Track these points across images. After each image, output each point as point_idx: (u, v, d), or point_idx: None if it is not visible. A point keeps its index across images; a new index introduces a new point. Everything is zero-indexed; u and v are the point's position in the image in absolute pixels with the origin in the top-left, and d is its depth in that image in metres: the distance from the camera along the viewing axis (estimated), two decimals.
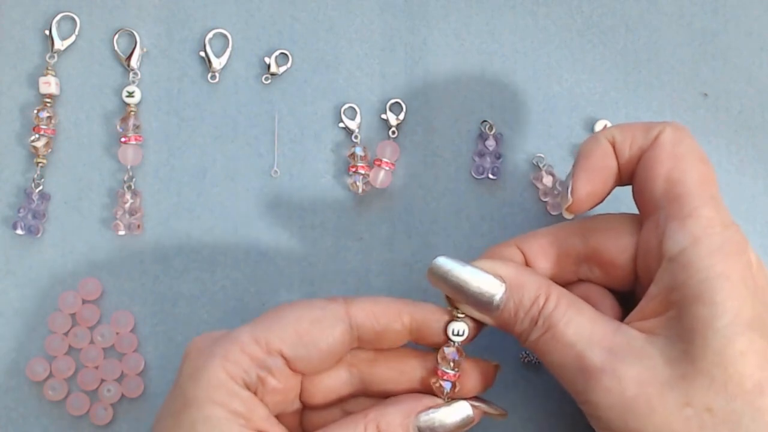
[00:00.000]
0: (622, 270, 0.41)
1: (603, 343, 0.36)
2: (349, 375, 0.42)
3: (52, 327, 0.49)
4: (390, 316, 0.40)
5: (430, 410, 0.39)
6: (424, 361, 0.42)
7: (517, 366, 0.50)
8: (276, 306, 0.41)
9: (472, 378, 0.42)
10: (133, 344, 0.50)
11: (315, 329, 0.39)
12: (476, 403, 0.41)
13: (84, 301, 0.50)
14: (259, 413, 0.38)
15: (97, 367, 0.49)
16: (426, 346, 0.42)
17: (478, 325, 0.41)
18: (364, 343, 0.41)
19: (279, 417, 0.41)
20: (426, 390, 0.42)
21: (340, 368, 0.42)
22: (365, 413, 0.39)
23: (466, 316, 0.41)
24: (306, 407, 0.43)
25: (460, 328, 0.40)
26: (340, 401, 0.43)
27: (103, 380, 0.49)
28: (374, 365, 0.42)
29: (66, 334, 0.50)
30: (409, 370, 0.42)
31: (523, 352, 0.50)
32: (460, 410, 0.40)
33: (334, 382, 0.42)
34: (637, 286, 0.41)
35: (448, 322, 0.41)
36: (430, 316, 0.41)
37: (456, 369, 0.41)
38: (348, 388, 0.42)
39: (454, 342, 0.41)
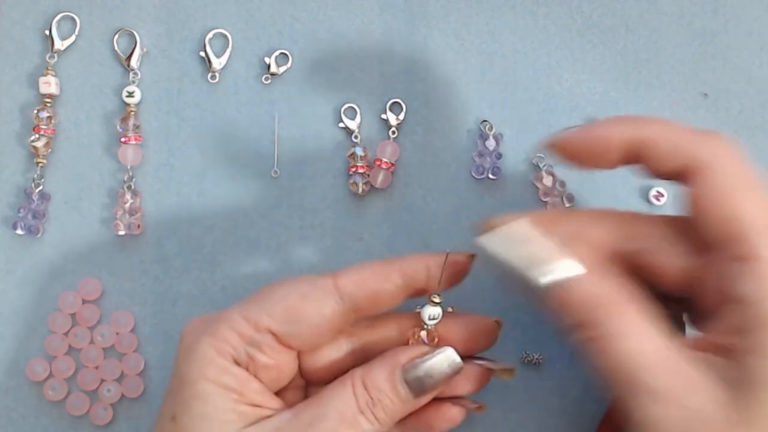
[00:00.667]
0: (669, 279, 0.38)
1: (659, 365, 0.34)
2: (349, 345, 0.42)
3: (52, 327, 0.49)
4: (379, 278, 0.40)
5: (416, 360, 0.39)
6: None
7: (517, 366, 0.50)
8: (264, 286, 0.41)
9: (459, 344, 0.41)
10: (133, 344, 0.50)
11: (304, 304, 0.39)
12: (479, 362, 0.41)
13: (84, 301, 0.50)
14: (253, 387, 0.38)
15: (97, 367, 0.49)
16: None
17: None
18: (362, 312, 0.40)
19: (281, 393, 0.41)
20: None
21: (339, 340, 0.42)
22: (351, 372, 0.39)
23: (441, 302, 0.41)
24: (311, 383, 0.43)
25: (435, 313, 0.41)
26: (346, 372, 0.42)
27: (103, 380, 0.49)
28: (371, 330, 0.42)
29: (66, 334, 0.50)
30: (406, 327, 0.42)
31: (524, 352, 0.50)
32: (447, 358, 0.39)
33: (335, 355, 0.42)
34: (686, 298, 0.38)
35: (423, 308, 0.41)
36: (417, 267, 0.40)
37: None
38: (350, 359, 0.42)
39: (427, 325, 0.41)
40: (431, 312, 0.41)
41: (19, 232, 0.50)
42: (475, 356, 0.42)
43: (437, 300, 0.41)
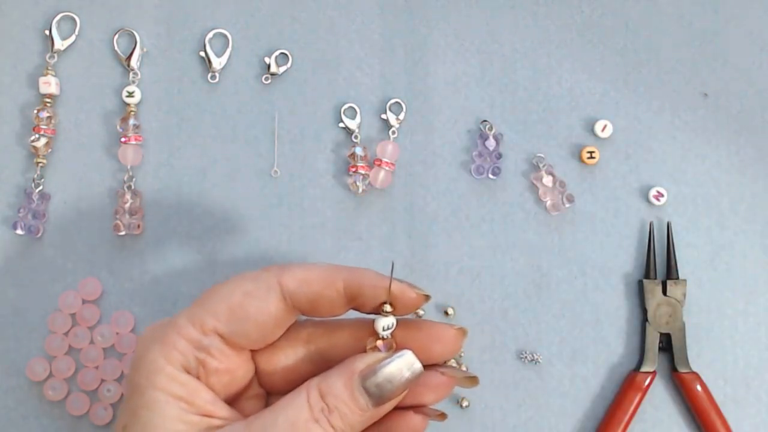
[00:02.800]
0: None
1: None
2: (306, 352, 0.41)
3: (52, 327, 0.49)
4: (323, 282, 0.39)
5: (375, 366, 0.37)
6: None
7: (517, 366, 0.50)
8: (213, 284, 0.40)
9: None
10: (133, 344, 0.50)
11: (247, 302, 0.38)
12: (442, 370, 0.40)
13: (84, 301, 0.50)
14: (203, 397, 0.37)
15: (97, 367, 0.49)
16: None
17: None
18: (302, 312, 0.39)
19: (238, 402, 0.40)
20: None
21: (297, 346, 0.41)
22: (308, 381, 0.37)
23: (393, 311, 0.39)
24: (270, 392, 0.42)
25: (388, 323, 0.39)
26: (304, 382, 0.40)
27: (103, 380, 0.49)
28: (328, 337, 0.41)
29: (66, 334, 0.50)
30: (365, 337, 0.40)
31: (524, 352, 0.50)
32: (406, 363, 0.38)
33: (291, 361, 0.41)
34: None
35: (376, 318, 0.39)
36: (365, 283, 0.39)
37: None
38: (308, 366, 0.41)
39: (383, 337, 0.39)
40: (384, 323, 0.39)
41: (19, 232, 0.50)
42: (437, 365, 0.41)
43: (389, 309, 0.39)
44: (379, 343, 0.39)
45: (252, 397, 0.41)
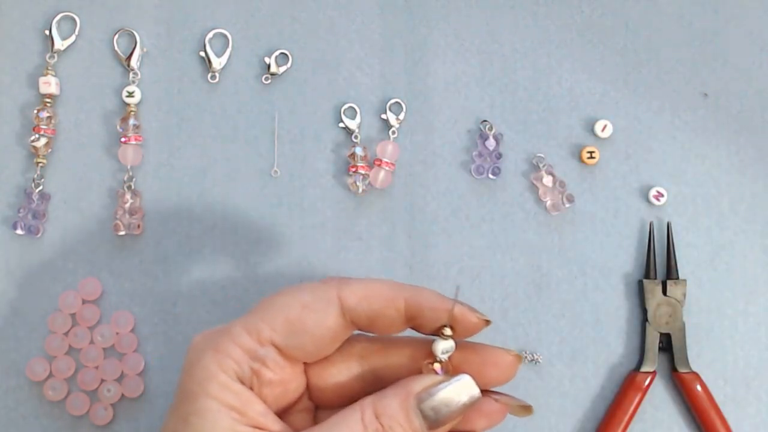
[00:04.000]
0: None
1: None
2: (359, 368, 0.40)
3: (52, 327, 0.49)
4: (383, 300, 0.38)
5: (432, 389, 0.37)
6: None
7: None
8: (270, 294, 0.39)
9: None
10: (133, 344, 0.50)
11: (305, 315, 0.37)
12: (496, 397, 0.39)
13: (84, 301, 0.50)
14: (256, 408, 0.37)
15: (97, 367, 0.49)
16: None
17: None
18: (359, 327, 0.39)
19: (288, 415, 0.40)
20: None
21: (349, 361, 0.40)
22: (362, 400, 0.37)
23: (453, 335, 0.39)
24: (320, 406, 0.41)
25: (447, 347, 0.38)
26: (356, 398, 0.40)
27: (103, 380, 0.49)
28: (383, 355, 0.40)
29: (66, 334, 0.50)
30: (420, 356, 0.39)
31: (524, 352, 0.50)
32: (465, 388, 0.37)
33: (344, 377, 0.40)
34: None
35: (435, 340, 0.38)
36: (427, 304, 0.38)
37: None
38: (360, 383, 0.40)
39: (441, 360, 0.38)
40: (444, 346, 0.38)
41: (19, 232, 0.50)
42: (491, 390, 0.40)
43: (448, 333, 0.38)
44: (437, 366, 0.38)
45: (301, 411, 0.41)
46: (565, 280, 0.51)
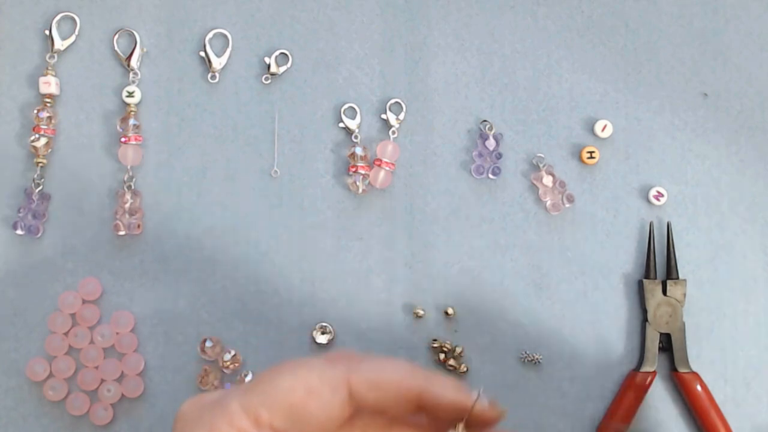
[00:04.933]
0: None
1: None
2: None
3: (52, 327, 0.49)
4: (396, 390, 0.35)
5: None
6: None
7: (517, 366, 0.50)
8: (271, 368, 0.37)
9: None
10: (133, 344, 0.50)
11: (310, 401, 0.35)
12: None
13: (84, 301, 0.50)
14: None
15: (97, 367, 0.49)
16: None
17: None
18: (366, 410, 0.37)
19: None
20: None
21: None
22: None
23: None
24: None
25: None
26: None
27: (103, 380, 0.49)
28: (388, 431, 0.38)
29: (66, 334, 0.50)
30: None
31: (524, 352, 0.50)
32: None
33: None
34: None
35: None
36: (444, 400, 0.36)
37: None
38: None
39: None
40: None
41: (19, 232, 0.50)
42: None
43: (461, 429, 0.36)
44: None
45: None
46: (565, 280, 0.51)
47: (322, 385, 0.35)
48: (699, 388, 0.49)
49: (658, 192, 0.52)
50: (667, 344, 0.50)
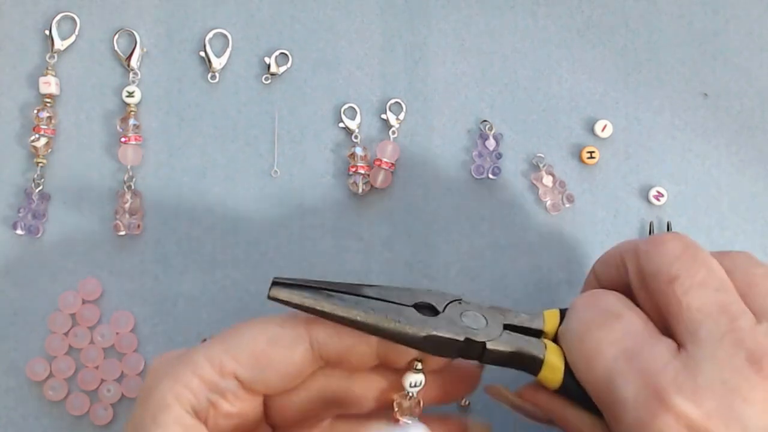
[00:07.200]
0: None
1: None
2: (320, 393, 0.39)
3: (52, 327, 0.49)
4: (355, 334, 0.36)
5: None
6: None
7: None
8: (236, 323, 0.38)
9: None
10: (133, 344, 0.50)
11: (272, 350, 0.36)
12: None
13: (84, 301, 0.50)
14: None
15: (97, 367, 0.49)
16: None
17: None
18: (328, 363, 0.38)
19: None
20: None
21: (311, 386, 0.39)
22: None
23: (423, 368, 0.37)
24: (277, 427, 0.40)
25: (416, 380, 0.37)
26: (314, 418, 0.40)
27: (103, 380, 0.49)
28: (347, 381, 0.39)
29: (66, 334, 0.50)
30: (385, 387, 0.38)
31: None
32: None
33: (304, 402, 0.39)
34: None
35: (405, 374, 0.37)
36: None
37: (414, 416, 0.38)
38: (320, 405, 0.39)
39: (410, 393, 0.37)
40: (413, 379, 0.37)
41: (19, 232, 0.50)
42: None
43: (419, 367, 0.37)
44: (407, 405, 0.38)
45: None
46: (565, 280, 0.51)
47: (283, 334, 0.36)
48: None
49: (658, 192, 0.52)
50: None
